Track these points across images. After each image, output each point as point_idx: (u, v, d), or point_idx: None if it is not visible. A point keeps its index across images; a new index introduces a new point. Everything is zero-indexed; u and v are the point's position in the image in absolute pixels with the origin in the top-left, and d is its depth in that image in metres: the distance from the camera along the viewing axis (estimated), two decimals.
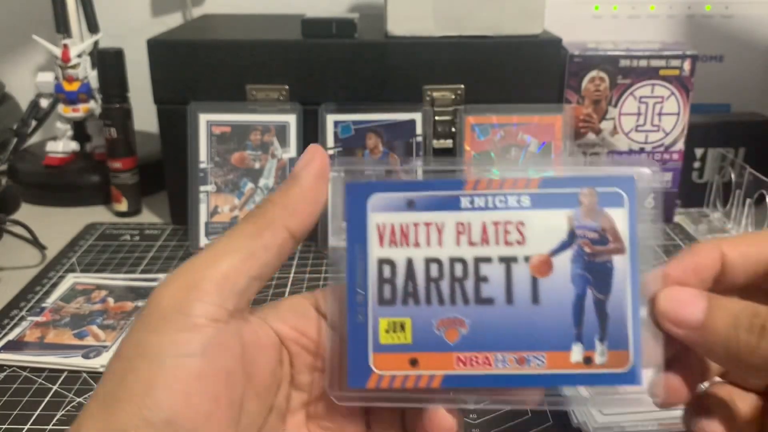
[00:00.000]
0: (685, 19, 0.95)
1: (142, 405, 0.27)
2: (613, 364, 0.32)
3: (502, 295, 0.32)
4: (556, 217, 0.32)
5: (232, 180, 0.77)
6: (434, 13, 0.77)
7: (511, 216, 0.32)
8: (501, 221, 0.32)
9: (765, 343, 0.29)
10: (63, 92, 0.91)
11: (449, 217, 0.33)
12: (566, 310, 0.32)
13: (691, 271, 0.32)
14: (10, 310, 0.66)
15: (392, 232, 0.33)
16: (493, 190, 0.33)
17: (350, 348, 0.32)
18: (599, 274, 0.32)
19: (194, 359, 0.28)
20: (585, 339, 0.32)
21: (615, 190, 0.32)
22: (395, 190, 0.33)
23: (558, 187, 0.32)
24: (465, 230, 0.33)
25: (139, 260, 0.76)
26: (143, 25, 1.08)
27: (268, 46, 0.78)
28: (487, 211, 0.33)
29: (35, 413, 0.52)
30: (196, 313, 0.29)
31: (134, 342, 0.29)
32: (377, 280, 0.32)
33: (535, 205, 0.32)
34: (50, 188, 0.92)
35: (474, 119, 0.75)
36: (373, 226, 0.33)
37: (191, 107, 0.77)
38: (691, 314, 0.31)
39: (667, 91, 0.80)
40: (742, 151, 0.87)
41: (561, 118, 0.74)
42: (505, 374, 0.32)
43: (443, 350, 0.32)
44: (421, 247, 0.33)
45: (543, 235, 0.32)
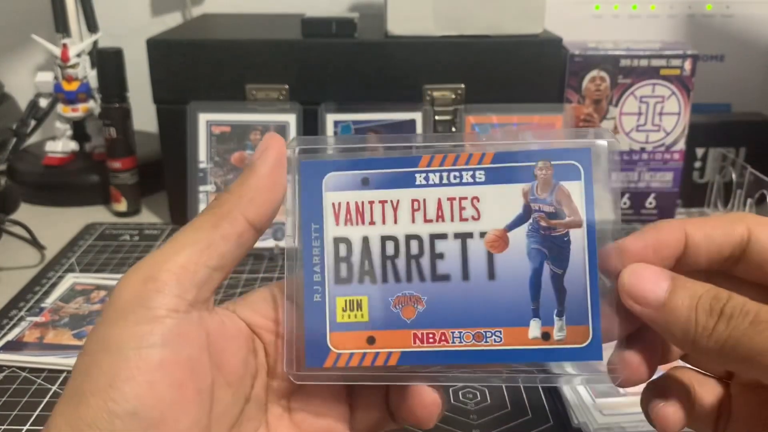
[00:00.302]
0: (686, 19, 0.95)
1: (107, 398, 0.27)
2: (572, 340, 0.31)
3: (458, 272, 0.32)
4: (512, 192, 0.32)
5: (232, 180, 0.77)
6: (434, 12, 0.77)
7: (466, 191, 0.32)
8: (456, 197, 0.32)
9: (721, 327, 0.28)
10: (62, 92, 0.91)
11: (404, 194, 0.32)
12: (523, 285, 0.32)
13: (651, 247, 0.32)
14: (9, 311, 0.66)
15: (348, 210, 0.33)
16: (448, 166, 0.32)
17: (307, 327, 0.32)
18: (556, 249, 0.32)
19: (155, 349, 0.28)
20: (543, 314, 0.32)
21: (571, 163, 0.32)
22: (350, 169, 0.33)
23: (513, 161, 0.32)
24: (420, 207, 0.32)
25: (139, 260, 0.75)
26: (143, 24, 1.08)
27: (268, 46, 0.77)
28: (442, 187, 0.32)
29: (34, 414, 0.52)
30: (155, 305, 0.29)
31: (97, 337, 0.29)
32: (333, 258, 0.32)
33: (490, 180, 0.32)
34: (49, 188, 0.92)
35: (474, 119, 0.75)
36: (329, 204, 0.32)
37: (191, 107, 0.76)
38: (653, 293, 0.30)
39: (668, 91, 0.80)
40: (743, 150, 0.87)
41: (561, 118, 0.74)
42: (461, 350, 0.32)
43: (400, 328, 0.32)
44: (377, 224, 0.32)
45: (498, 211, 0.32)
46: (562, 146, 0.32)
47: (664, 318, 0.30)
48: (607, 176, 0.32)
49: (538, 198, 0.32)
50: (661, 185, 0.83)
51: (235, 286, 0.70)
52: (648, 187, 0.83)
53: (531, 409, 0.52)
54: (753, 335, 0.28)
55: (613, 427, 0.48)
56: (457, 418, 0.50)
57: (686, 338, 0.30)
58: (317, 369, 0.32)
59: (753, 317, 0.28)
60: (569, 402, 0.51)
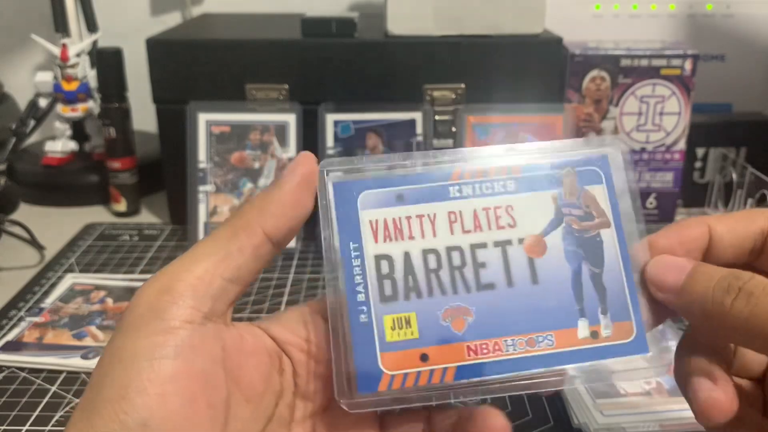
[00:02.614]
0: (687, 19, 0.94)
1: (119, 409, 0.27)
2: (619, 336, 0.32)
3: (503, 279, 0.32)
4: (542, 199, 0.33)
5: (232, 180, 0.77)
6: (434, 12, 0.76)
7: (499, 201, 0.33)
8: (491, 207, 0.33)
9: (740, 304, 0.29)
10: (62, 92, 0.91)
11: (440, 207, 0.33)
12: (566, 287, 0.33)
13: (677, 242, 0.33)
14: (8, 311, 0.65)
15: (386, 227, 0.32)
16: (479, 178, 0.33)
17: (356, 351, 0.31)
18: (591, 249, 0.33)
19: (167, 361, 0.28)
20: (589, 314, 0.32)
21: (592, 169, 0.34)
22: (383, 186, 0.33)
23: (539, 170, 0.33)
24: (457, 218, 0.33)
25: (138, 260, 0.75)
26: (142, 24, 1.08)
27: (268, 46, 0.77)
28: (476, 198, 0.33)
29: (34, 414, 0.52)
30: (170, 316, 0.29)
31: (112, 348, 0.29)
32: (376, 277, 0.32)
33: (521, 189, 0.33)
34: (49, 188, 0.92)
35: (474, 119, 0.75)
36: (366, 222, 0.32)
37: (190, 107, 0.76)
38: (674, 278, 0.31)
39: (669, 91, 0.80)
40: (743, 150, 0.87)
41: (562, 118, 0.74)
42: (517, 358, 0.32)
43: (453, 341, 0.32)
44: (416, 239, 0.32)
45: (532, 217, 0.33)
46: (583, 155, 0.34)
47: (683, 300, 0.31)
48: (625, 178, 0.34)
49: (567, 202, 0.33)
50: (662, 185, 0.83)
51: None
52: (648, 187, 0.83)
53: (531, 409, 0.52)
54: None
55: (613, 427, 0.48)
56: None
57: (705, 317, 0.30)
58: (371, 394, 0.31)
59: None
60: (569, 402, 0.51)
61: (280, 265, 0.74)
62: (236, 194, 0.76)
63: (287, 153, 0.77)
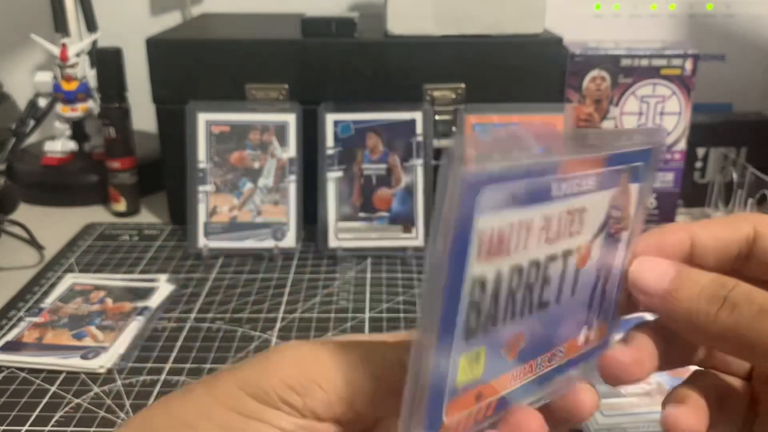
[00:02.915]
0: (687, 19, 0.94)
1: None
2: (596, 338, 0.31)
3: (555, 295, 0.28)
4: (603, 199, 0.28)
5: (231, 180, 0.76)
6: (434, 12, 0.76)
7: (580, 202, 0.27)
8: (573, 209, 0.27)
9: (724, 314, 0.28)
10: (61, 92, 0.91)
11: (538, 212, 0.25)
12: (587, 295, 0.29)
13: (656, 248, 0.31)
14: (8, 311, 0.65)
15: (490, 239, 0.24)
16: (578, 171, 0.26)
17: (428, 407, 0.24)
18: (610, 255, 0.30)
19: None
20: (589, 320, 0.30)
21: (638, 165, 0.29)
22: (504, 180, 0.23)
23: (615, 164, 0.28)
24: (547, 225, 0.26)
25: (138, 260, 0.75)
26: (142, 24, 1.07)
27: (268, 46, 0.77)
28: (567, 198, 0.26)
29: (33, 414, 0.51)
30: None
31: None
32: (467, 307, 0.24)
33: (596, 187, 0.28)
34: (48, 188, 0.92)
35: (475, 118, 0.75)
36: (477, 232, 0.23)
37: (190, 107, 0.76)
38: (657, 282, 0.30)
39: (669, 91, 0.80)
40: (743, 150, 0.87)
41: (562, 118, 0.74)
42: (540, 376, 0.29)
43: (504, 372, 0.27)
44: (511, 254, 0.25)
45: (592, 221, 0.28)
46: (636, 147, 0.29)
47: (667, 307, 0.30)
48: (654, 177, 0.30)
49: (614, 203, 0.29)
50: (662, 185, 0.83)
51: (234, 286, 0.70)
52: None
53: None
54: (759, 323, 0.28)
55: (613, 428, 0.48)
56: None
57: (690, 326, 0.29)
58: None
59: (759, 305, 0.28)
60: None
61: (281, 265, 0.74)
62: (236, 194, 0.76)
63: (287, 153, 0.77)
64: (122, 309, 0.65)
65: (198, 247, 0.75)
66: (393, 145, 0.76)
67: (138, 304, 0.66)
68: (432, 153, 0.77)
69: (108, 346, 0.59)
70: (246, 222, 0.76)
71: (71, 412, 0.52)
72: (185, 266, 0.74)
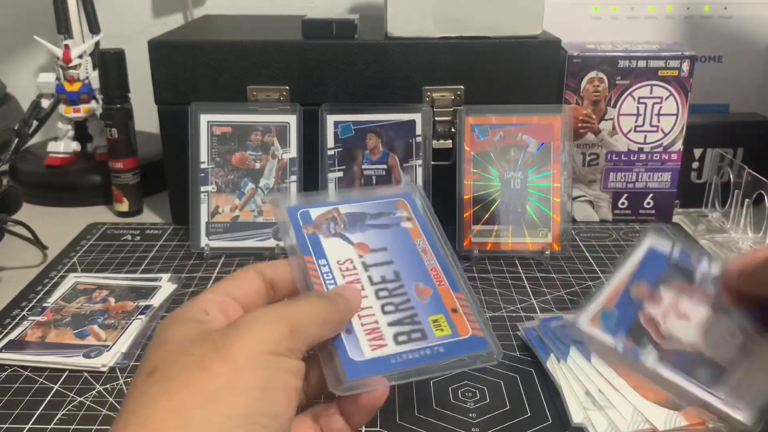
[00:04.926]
0: (684, 20, 0.95)
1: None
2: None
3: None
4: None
5: (233, 180, 0.77)
6: (434, 14, 0.77)
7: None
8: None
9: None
10: (64, 92, 0.92)
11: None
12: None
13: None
14: (11, 310, 0.66)
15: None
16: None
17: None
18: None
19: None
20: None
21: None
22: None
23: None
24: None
25: (140, 260, 0.76)
26: (144, 25, 1.08)
27: (269, 47, 0.78)
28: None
29: (36, 412, 0.52)
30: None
31: None
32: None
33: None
34: (51, 188, 0.93)
35: (473, 120, 0.75)
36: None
37: (192, 108, 0.77)
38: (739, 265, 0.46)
39: (666, 92, 0.80)
40: (740, 151, 0.87)
41: (560, 119, 0.75)
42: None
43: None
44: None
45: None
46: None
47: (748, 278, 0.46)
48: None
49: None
50: (659, 185, 0.83)
51: None
52: (646, 187, 0.84)
53: (530, 407, 0.52)
54: None
55: (612, 426, 0.49)
56: (456, 417, 0.51)
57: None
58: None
59: None
60: (568, 401, 0.51)
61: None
62: (238, 194, 0.77)
63: (288, 154, 0.77)
64: (125, 308, 0.65)
65: (200, 246, 0.76)
66: (393, 146, 0.77)
67: (140, 303, 0.66)
68: (431, 153, 0.77)
69: (110, 344, 0.60)
70: (247, 222, 0.77)
71: (74, 410, 0.52)
72: (187, 265, 0.75)
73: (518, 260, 0.75)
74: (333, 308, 0.39)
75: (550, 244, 0.74)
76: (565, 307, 0.66)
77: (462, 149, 0.75)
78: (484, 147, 0.75)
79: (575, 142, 0.82)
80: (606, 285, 0.50)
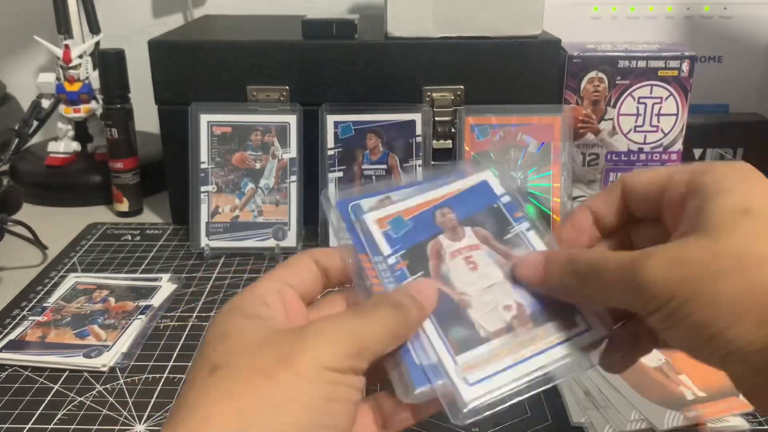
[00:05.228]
0: (684, 20, 0.95)
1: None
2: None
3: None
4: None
5: (233, 180, 0.77)
6: (434, 14, 0.77)
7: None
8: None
9: (581, 284, 0.37)
10: (64, 93, 0.92)
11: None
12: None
13: (570, 227, 0.42)
14: (11, 310, 0.66)
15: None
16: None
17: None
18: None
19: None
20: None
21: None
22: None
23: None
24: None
25: (141, 260, 0.76)
26: (144, 26, 1.08)
27: (269, 47, 0.78)
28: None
29: (36, 412, 0.52)
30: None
31: None
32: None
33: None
34: (51, 188, 0.93)
35: (473, 120, 0.75)
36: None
37: (192, 108, 0.77)
38: (534, 273, 0.40)
39: (666, 92, 0.80)
40: (740, 151, 0.88)
41: (560, 119, 0.75)
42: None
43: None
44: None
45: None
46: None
47: (547, 287, 0.39)
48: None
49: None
50: None
51: (236, 285, 0.70)
52: None
53: (530, 407, 0.52)
54: (593, 282, 0.36)
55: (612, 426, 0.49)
56: None
57: (567, 295, 0.39)
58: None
59: (590, 267, 0.36)
60: (567, 401, 0.51)
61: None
62: (238, 194, 0.77)
63: (288, 154, 0.77)
64: (125, 308, 0.65)
65: (200, 246, 0.76)
66: (393, 146, 0.77)
67: (140, 303, 0.66)
68: (431, 153, 0.77)
69: (110, 344, 0.60)
70: (247, 222, 0.77)
71: (74, 410, 0.52)
72: (187, 266, 0.75)
73: None
74: (403, 321, 0.37)
75: None
76: None
77: (462, 149, 0.75)
78: (484, 147, 0.75)
79: (575, 142, 0.82)
80: (418, 191, 0.44)
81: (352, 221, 0.42)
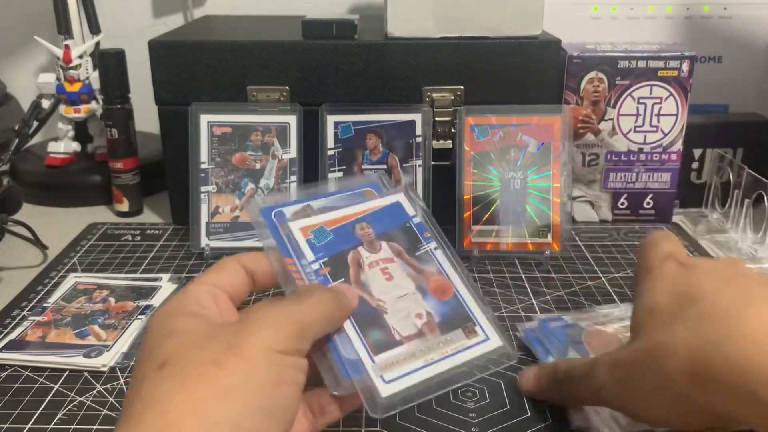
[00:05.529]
0: (684, 20, 0.95)
1: None
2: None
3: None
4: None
5: (233, 180, 0.77)
6: (434, 14, 0.77)
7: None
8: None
9: (560, 389, 0.49)
10: (64, 93, 0.92)
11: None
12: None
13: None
14: (11, 310, 0.66)
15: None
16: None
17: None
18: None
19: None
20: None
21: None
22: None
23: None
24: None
25: (141, 260, 0.76)
26: (144, 26, 1.08)
27: (269, 47, 0.78)
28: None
29: (36, 413, 0.52)
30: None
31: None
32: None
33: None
34: (52, 188, 0.93)
35: (473, 120, 0.75)
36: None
37: (192, 108, 0.77)
38: (533, 387, 0.52)
39: (666, 92, 0.80)
40: (740, 151, 0.88)
41: (560, 119, 0.75)
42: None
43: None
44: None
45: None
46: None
47: (545, 397, 0.52)
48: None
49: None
50: (659, 186, 0.84)
51: None
52: (646, 187, 0.84)
53: (530, 407, 0.52)
54: (575, 389, 0.47)
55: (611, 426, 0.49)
56: (456, 417, 0.51)
57: (561, 401, 0.50)
58: None
59: (569, 376, 0.48)
60: None
61: None
62: (238, 195, 0.77)
63: (288, 154, 0.77)
64: (125, 308, 0.65)
65: (200, 246, 0.76)
66: (393, 146, 0.77)
67: (140, 303, 0.66)
68: (431, 154, 0.77)
69: (111, 344, 0.60)
70: (247, 222, 0.77)
71: (74, 410, 0.52)
72: (187, 266, 0.75)
73: (518, 260, 0.75)
74: (337, 305, 0.41)
75: (549, 244, 0.74)
76: (565, 307, 0.66)
77: (462, 149, 0.75)
78: (484, 147, 0.75)
79: (575, 143, 0.82)
80: (337, 203, 0.49)
81: (276, 227, 0.46)
